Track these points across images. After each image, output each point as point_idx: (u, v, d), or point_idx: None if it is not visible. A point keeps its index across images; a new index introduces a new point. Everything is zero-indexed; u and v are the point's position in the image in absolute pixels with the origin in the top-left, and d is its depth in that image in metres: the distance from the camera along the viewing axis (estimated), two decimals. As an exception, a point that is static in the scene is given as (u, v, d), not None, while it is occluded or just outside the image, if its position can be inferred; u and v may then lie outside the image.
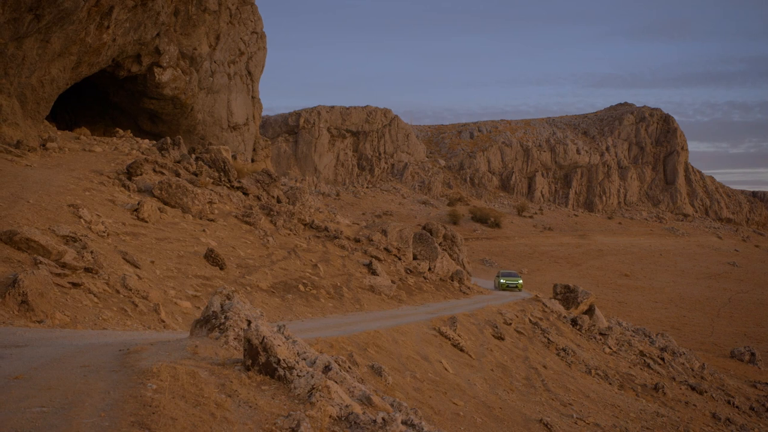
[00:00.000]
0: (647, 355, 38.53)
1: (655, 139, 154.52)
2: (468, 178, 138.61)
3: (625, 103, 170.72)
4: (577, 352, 32.60)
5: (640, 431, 23.35)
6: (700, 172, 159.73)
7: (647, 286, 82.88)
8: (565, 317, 39.49)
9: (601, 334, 39.31)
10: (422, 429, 7.70)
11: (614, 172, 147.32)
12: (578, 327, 38.55)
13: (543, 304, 40.53)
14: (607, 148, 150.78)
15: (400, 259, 39.77)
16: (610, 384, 29.84)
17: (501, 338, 28.84)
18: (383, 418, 7.12)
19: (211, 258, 25.24)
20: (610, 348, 36.97)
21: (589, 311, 44.35)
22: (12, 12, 29.33)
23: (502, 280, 51.57)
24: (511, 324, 32.16)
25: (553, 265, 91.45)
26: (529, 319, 35.07)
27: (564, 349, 31.68)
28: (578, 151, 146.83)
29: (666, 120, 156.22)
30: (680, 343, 49.67)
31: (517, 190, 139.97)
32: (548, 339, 32.51)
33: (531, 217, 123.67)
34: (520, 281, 52.07)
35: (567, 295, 45.86)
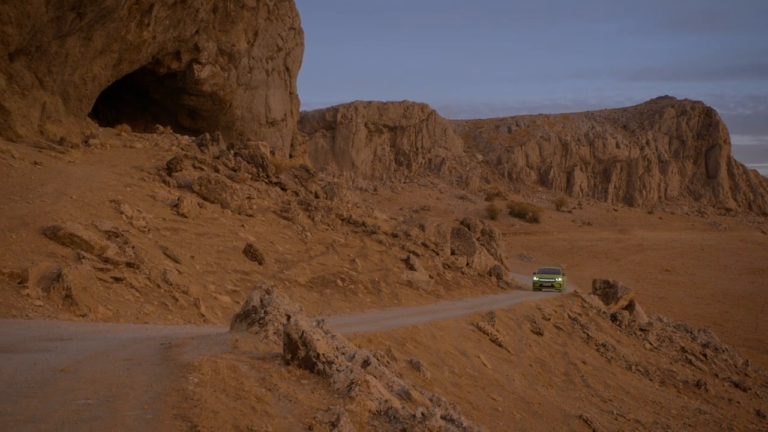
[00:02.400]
0: (689, 351, 38.02)
1: (696, 132, 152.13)
2: (506, 173, 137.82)
3: (666, 96, 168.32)
4: (617, 348, 32.28)
5: (681, 428, 23.05)
6: (743, 166, 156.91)
7: (689, 282, 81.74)
8: (604, 313, 39.11)
9: (641, 329, 38.87)
10: (461, 424, 7.69)
11: (654, 166, 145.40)
12: (618, 322, 38.16)
13: (582, 299, 40.18)
14: (648, 142, 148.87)
15: (437, 254, 39.72)
16: (650, 380, 29.51)
17: (539, 333, 28.67)
18: (422, 413, 7.12)
19: (250, 253, 25.43)
20: (650, 344, 36.55)
21: (629, 307, 43.85)
22: (55, 11, 29.76)
23: (535, 278, 45.33)
24: (549, 319, 31.95)
25: (592, 261, 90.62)
26: (568, 315, 34.79)
27: (604, 345, 31.39)
28: (618, 145, 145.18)
29: (708, 113, 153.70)
30: (723, 339, 48.91)
31: (555, 184, 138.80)
32: (587, 334, 32.23)
33: (570, 211, 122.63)
34: (560, 278, 44.64)
35: (606, 291, 45.40)
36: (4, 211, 18.80)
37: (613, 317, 38.60)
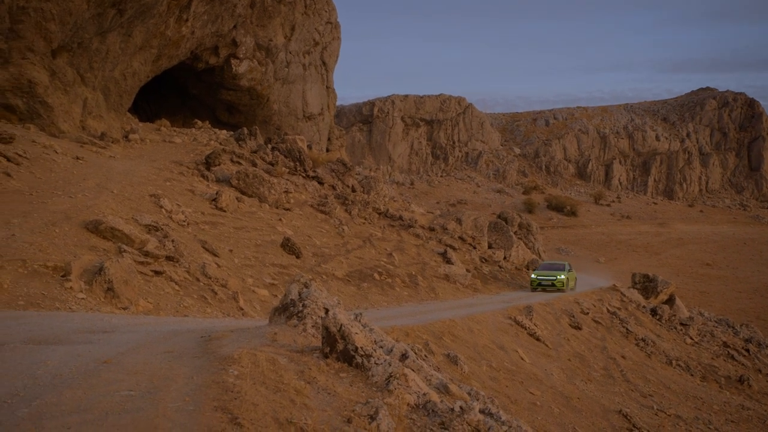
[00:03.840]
0: (731, 346, 37.43)
1: (738, 124, 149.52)
2: (543, 166, 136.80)
3: (707, 88, 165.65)
4: (657, 343, 31.90)
5: (724, 424, 22.73)
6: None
7: (730, 276, 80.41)
8: (644, 307, 38.66)
9: (681, 324, 38.36)
10: (500, 418, 7.65)
11: (695, 159, 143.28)
12: (658, 317, 37.69)
13: (621, 293, 39.75)
14: (688, 135, 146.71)
15: (474, 247, 39.59)
16: (691, 375, 29.13)
17: (578, 328, 28.45)
18: (461, 407, 7.11)
19: (288, 247, 25.58)
20: (691, 338, 36.07)
21: (669, 301, 43.30)
22: (96, 7, 30.17)
23: (533, 275, 37.11)
24: (588, 313, 31.68)
25: (631, 254, 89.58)
26: (607, 309, 34.46)
27: (643, 339, 31.05)
28: (657, 138, 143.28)
29: (751, 105, 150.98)
30: (766, 334, 48.09)
31: (593, 177, 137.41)
32: (627, 329, 31.90)
33: (608, 205, 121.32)
34: (563, 276, 36.65)
35: (646, 285, 44.83)
36: (47, 206, 19.13)
37: (653, 311, 38.15)
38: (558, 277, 36.43)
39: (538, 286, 36.28)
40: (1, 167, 21.46)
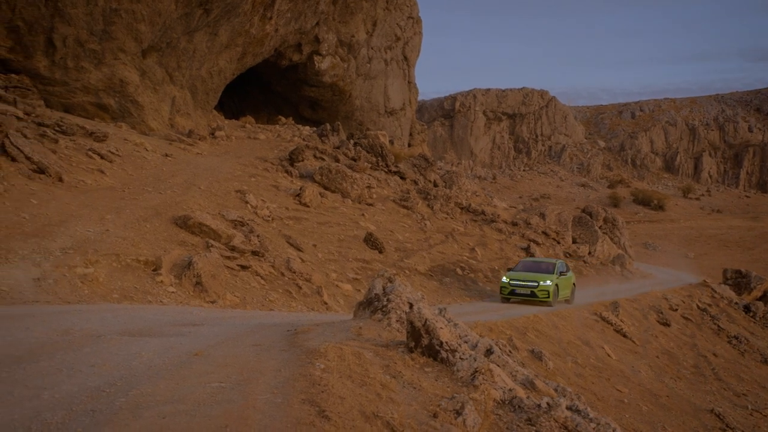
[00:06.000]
0: (829, 345, 35.94)
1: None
2: (629, 160, 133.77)
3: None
4: (751, 341, 30.85)
5: (822, 427, 21.85)
6: None
7: (828, 272, 77.13)
8: (736, 303, 37.42)
9: (776, 322, 37.02)
10: (587, 415, 7.54)
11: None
12: (752, 314, 36.43)
13: (712, 289, 38.56)
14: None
15: (558, 242, 39.05)
16: (787, 375, 28.09)
17: (666, 324, 27.76)
18: (548, 403, 7.03)
19: (370, 242, 25.73)
20: (787, 337, 34.77)
21: (764, 297, 41.79)
22: (184, 7, 30.96)
23: (504, 279, 24.97)
24: (677, 310, 30.87)
25: (722, 249, 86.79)
26: (697, 305, 33.50)
27: (736, 337, 30.08)
28: (750, 129, 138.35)
29: None
30: None
31: (682, 171, 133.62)
32: (718, 326, 30.96)
33: (697, 198, 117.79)
34: (549, 282, 24.41)
35: (738, 281, 43.38)
36: (138, 202, 19.73)
37: (746, 308, 36.89)
38: (541, 283, 24.37)
39: (510, 296, 24.75)
40: (96, 165, 22.23)
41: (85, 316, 10.53)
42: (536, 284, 24.21)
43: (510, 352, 13.18)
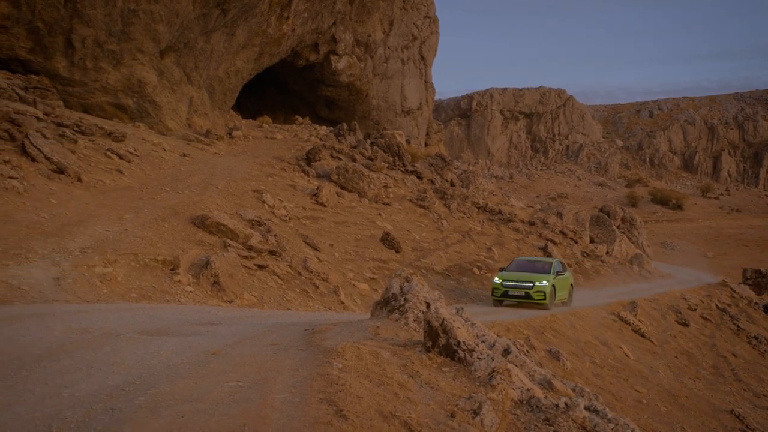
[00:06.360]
0: None
1: None
2: (647, 159, 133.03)
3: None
4: (770, 342, 30.61)
5: (843, 428, 21.64)
6: None
7: None
8: (756, 303, 37.10)
9: (797, 322, 36.69)
10: (606, 415, 7.51)
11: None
12: (771, 315, 36.16)
13: (731, 289, 38.25)
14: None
15: (576, 242, 38.91)
16: (808, 376, 27.84)
17: (685, 324, 27.58)
18: (566, 403, 7.00)
19: (387, 241, 25.74)
20: (807, 338, 34.46)
21: (784, 298, 41.47)
22: (202, 8, 31.11)
23: (496, 280, 23.23)
24: (696, 310, 30.66)
25: (742, 249, 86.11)
26: (716, 305, 33.25)
27: (756, 337, 29.83)
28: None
29: None
30: None
31: (700, 170, 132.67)
32: (738, 326, 30.71)
33: (716, 198, 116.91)
34: (545, 282, 22.75)
35: (758, 280, 43.02)
36: (156, 201, 19.84)
37: (766, 308, 36.60)
38: (536, 283, 22.73)
39: (503, 298, 23.18)
40: (114, 165, 22.37)
41: (103, 315, 10.60)
42: (531, 285, 22.65)
43: (527, 351, 13.15)
